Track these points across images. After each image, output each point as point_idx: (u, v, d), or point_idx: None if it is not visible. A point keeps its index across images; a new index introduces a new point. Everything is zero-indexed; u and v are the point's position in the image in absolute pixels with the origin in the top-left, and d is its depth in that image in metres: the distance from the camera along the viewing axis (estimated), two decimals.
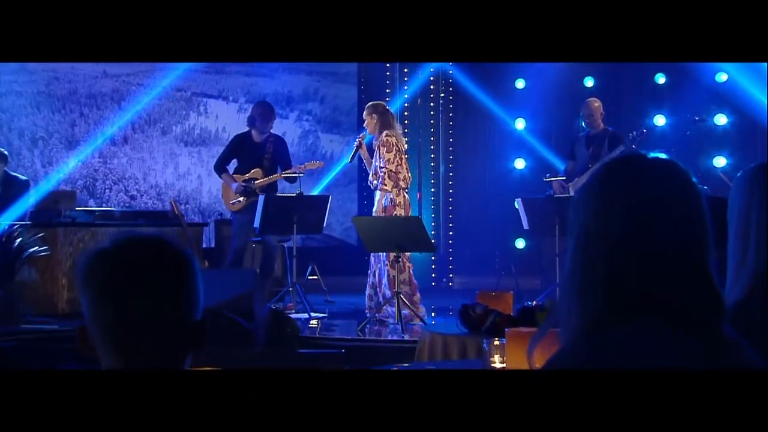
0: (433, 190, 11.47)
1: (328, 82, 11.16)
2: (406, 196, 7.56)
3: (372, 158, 7.71)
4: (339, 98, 11.27)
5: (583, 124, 8.95)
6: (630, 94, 10.88)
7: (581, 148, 8.70)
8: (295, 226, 7.93)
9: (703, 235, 1.61)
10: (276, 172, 8.38)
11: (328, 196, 8.26)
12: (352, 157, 7.97)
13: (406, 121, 10.95)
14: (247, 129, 8.55)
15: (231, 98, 10.95)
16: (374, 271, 7.73)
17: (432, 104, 11.58)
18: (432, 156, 11.48)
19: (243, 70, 10.86)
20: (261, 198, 7.88)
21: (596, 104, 8.69)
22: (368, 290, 7.83)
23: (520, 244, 11.24)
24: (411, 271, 7.63)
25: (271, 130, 8.53)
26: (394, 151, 7.44)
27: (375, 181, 7.56)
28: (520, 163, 11.40)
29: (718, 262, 1.62)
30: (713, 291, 1.59)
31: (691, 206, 1.61)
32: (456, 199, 11.67)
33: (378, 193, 7.54)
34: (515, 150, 11.38)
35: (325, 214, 8.05)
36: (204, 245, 9.36)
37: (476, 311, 4.24)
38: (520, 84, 11.38)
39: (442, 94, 11.46)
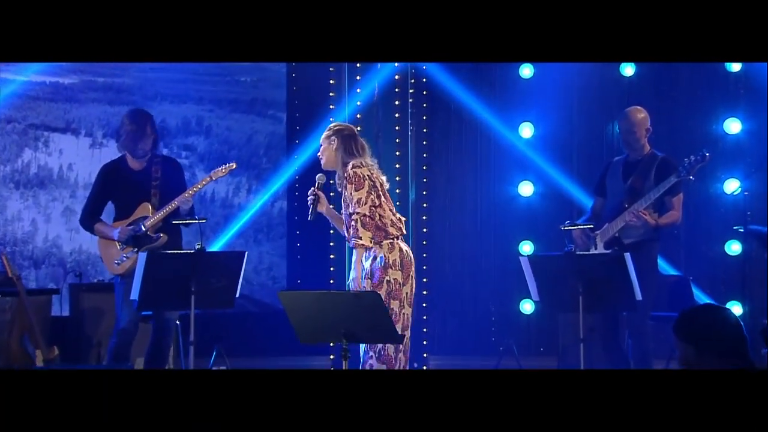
0: None
1: (223, 112, 11.51)
2: (405, 247, 7.33)
3: (340, 208, 7.57)
4: (232, 130, 11.55)
5: (617, 127, 8.89)
6: (689, 88, 10.43)
7: (616, 179, 8.39)
8: (193, 297, 7.51)
9: None
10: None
11: (243, 254, 7.82)
12: (312, 214, 7.63)
13: (359, 127, 10.43)
14: (119, 155, 8.51)
15: (83, 132, 11.10)
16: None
17: (397, 103, 11.03)
18: (397, 179, 10.75)
19: (105, 97, 11.05)
20: (141, 257, 7.58)
21: (640, 116, 8.27)
22: None
23: (527, 307, 10.70)
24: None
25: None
26: (366, 186, 7.25)
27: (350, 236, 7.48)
28: (526, 189, 10.89)
29: None
30: None
31: None
32: (432, 241, 11.19)
33: (355, 254, 7.36)
34: (519, 169, 10.96)
35: (238, 280, 7.70)
36: (53, 313, 9.37)
37: None
38: (526, 71, 10.88)
39: (412, 91, 11.06)
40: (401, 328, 7.19)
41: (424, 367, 11.09)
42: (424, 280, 10.86)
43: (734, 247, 9.81)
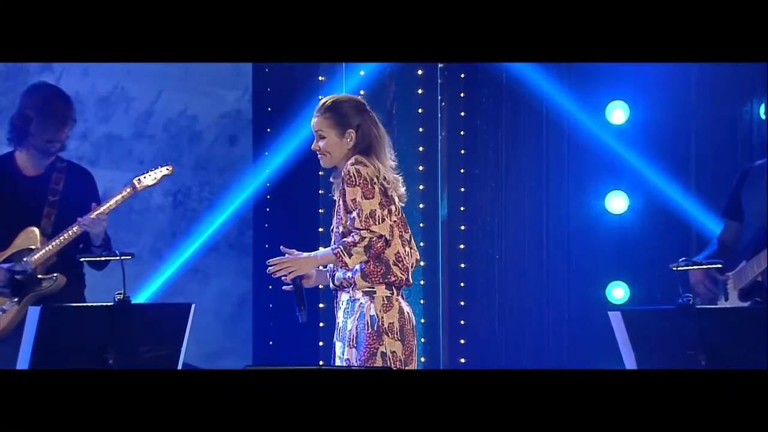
0: (423, 264, 10.04)
1: (144, 85, 11.32)
2: (407, 307, 6.82)
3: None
4: (146, 113, 11.51)
5: (760, 110, 9.23)
6: None
7: (758, 193, 8.02)
8: None
9: None
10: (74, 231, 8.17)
11: (189, 307, 7.29)
12: (303, 314, 7.12)
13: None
14: (7, 150, 8.40)
15: None
16: None
17: (420, 73, 10.54)
18: (420, 188, 10.36)
19: None
20: (32, 312, 7.00)
21: None
22: None
23: None
24: None
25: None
26: (375, 189, 6.79)
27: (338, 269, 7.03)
28: (617, 203, 10.11)
29: None
30: None
31: None
32: (474, 281, 10.70)
33: (343, 298, 6.90)
34: (606, 173, 10.19)
35: (181, 346, 7.21)
36: None
37: None
38: None
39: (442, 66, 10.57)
40: None
41: None
42: (462, 341, 10.45)
43: None
